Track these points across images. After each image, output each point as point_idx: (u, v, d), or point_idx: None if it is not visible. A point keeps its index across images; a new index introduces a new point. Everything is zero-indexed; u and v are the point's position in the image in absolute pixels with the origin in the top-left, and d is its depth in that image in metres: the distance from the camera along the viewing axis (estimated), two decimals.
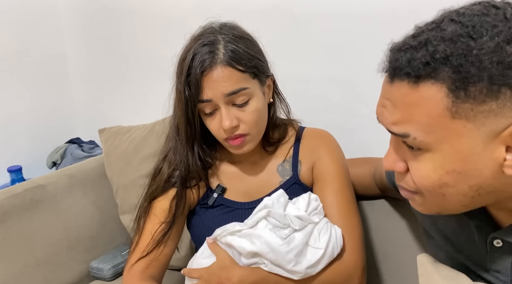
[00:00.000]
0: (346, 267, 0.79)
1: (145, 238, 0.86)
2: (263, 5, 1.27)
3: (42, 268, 1.09)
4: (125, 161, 1.24)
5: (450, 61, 0.47)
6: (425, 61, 0.48)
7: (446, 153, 0.50)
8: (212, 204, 0.89)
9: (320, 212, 0.81)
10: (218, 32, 0.80)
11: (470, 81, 0.46)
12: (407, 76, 0.50)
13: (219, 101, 0.78)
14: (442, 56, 0.47)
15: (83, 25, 1.72)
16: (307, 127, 0.95)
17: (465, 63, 0.46)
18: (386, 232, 0.99)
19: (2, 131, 1.62)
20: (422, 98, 0.49)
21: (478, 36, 0.47)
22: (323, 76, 1.22)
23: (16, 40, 1.62)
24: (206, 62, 0.77)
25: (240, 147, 0.83)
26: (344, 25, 1.17)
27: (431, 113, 0.49)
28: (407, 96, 0.50)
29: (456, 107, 0.48)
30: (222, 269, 0.77)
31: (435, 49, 0.48)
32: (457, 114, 0.48)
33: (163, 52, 1.52)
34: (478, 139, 0.48)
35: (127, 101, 1.69)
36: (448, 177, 0.51)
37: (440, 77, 0.48)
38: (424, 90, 0.49)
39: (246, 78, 0.79)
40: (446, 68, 0.47)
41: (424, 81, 0.49)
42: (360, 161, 1.01)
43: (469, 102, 0.47)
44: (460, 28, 0.48)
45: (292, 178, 0.90)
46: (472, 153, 0.49)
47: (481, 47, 0.46)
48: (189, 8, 1.42)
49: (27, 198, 1.10)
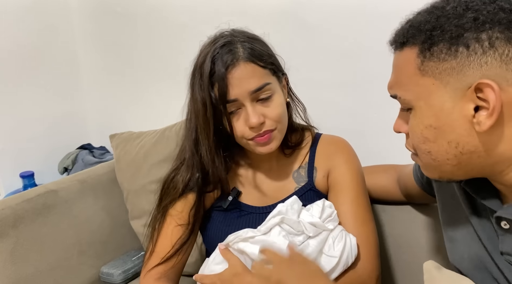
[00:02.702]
0: (360, 276, 0.79)
1: (161, 242, 0.86)
2: (273, 11, 1.28)
3: (53, 273, 1.10)
4: (136, 166, 1.25)
5: (423, 27, 0.55)
6: (405, 29, 0.58)
7: (422, 109, 0.57)
8: (227, 207, 0.89)
9: (334, 219, 0.81)
10: (231, 35, 0.81)
11: (434, 42, 0.54)
12: (398, 45, 0.59)
13: (245, 100, 0.78)
14: (416, 25, 0.56)
15: (96, 31, 1.74)
16: (323, 134, 0.95)
17: (431, 28, 0.55)
18: (399, 238, 0.98)
19: (14, 137, 1.63)
20: (402, 60, 0.58)
21: (447, 4, 0.55)
22: (334, 81, 1.22)
23: (29, 46, 1.64)
24: (229, 60, 0.76)
25: (267, 143, 0.82)
26: (355, 30, 1.16)
27: (407, 73, 0.57)
28: (396, 61, 0.60)
29: (424, 65, 0.55)
30: (234, 275, 0.76)
31: (413, 21, 0.57)
32: (425, 72, 0.55)
33: (175, 59, 1.54)
34: (447, 96, 0.54)
35: (138, 107, 1.70)
36: (427, 131, 0.57)
37: (415, 41, 0.56)
38: (404, 53, 0.58)
39: (267, 74, 0.80)
40: (420, 33, 0.56)
41: (406, 46, 0.58)
42: (382, 168, 1.01)
43: (433, 61, 0.54)
44: (438, 2, 0.57)
45: (308, 184, 0.89)
46: (442, 108, 0.55)
47: (446, 14, 0.54)
48: (202, 15, 1.43)
49: (39, 203, 1.11)
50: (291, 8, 1.25)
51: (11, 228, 1.04)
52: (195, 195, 0.87)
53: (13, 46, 1.60)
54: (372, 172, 0.99)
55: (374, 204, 1.01)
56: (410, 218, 0.97)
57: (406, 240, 0.97)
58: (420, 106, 0.57)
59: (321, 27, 1.21)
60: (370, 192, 0.96)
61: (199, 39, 0.85)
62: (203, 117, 0.80)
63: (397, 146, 0.73)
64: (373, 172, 0.99)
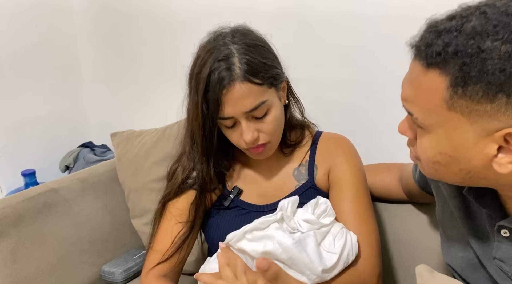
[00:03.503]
0: (361, 274, 0.78)
1: (161, 238, 0.87)
2: (274, 9, 1.27)
3: (54, 272, 1.10)
4: (137, 165, 1.25)
5: (458, 57, 0.49)
6: (438, 51, 0.50)
7: (441, 137, 0.54)
8: (228, 206, 0.89)
9: (329, 213, 0.80)
10: (230, 42, 0.78)
11: (469, 81, 0.49)
12: (423, 59, 0.52)
13: (240, 117, 0.78)
14: (453, 50, 0.49)
15: (97, 30, 1.74)
16: (324, 132, 0.95)
17: (470, 63, 0.48)
18: (401, 236, 0.98)
19: (16, 135, 1.64)
20: (427, 84, 0.52)
21: (493, 38, 0.48)
22: (336, 79, 1.22)
23: (30, 45, 1.64)
24: (225, 80, 0.74)
25: (261, 154, 0.83)
26: (357, 28, 1.16)
27: (431, 101, 0.52)
28: (418, 77, 0.54)
29: (453, 101, 0.51)
30: None
31: (449, 42, 0.50)
32: (453, 107, 0.51)
33: (176, 57, 1.53)
34: (471, 133, 0.51)
35: (139, 105, 1.70)
36: (440, 157, 0.55)
37: (446, 70, 0.50)
38: (431, 77, 0.52)
39: (264, 90, 0.78)
40: (453, 63, 0.49)
41: (433, 68, 0.51)
42: (385, 167, 1.01)
43: (465, 100, 0.50)
44: (482, 25, 0.49)
45: (308, 182, 0.89)
46: (463, 143, 0.52)
47: (490, 51, 0.47)
48: (201, 13, 1.43)
49: (40, 202, 1.11)
50: (293, 7, 1.24)
51: (12, 226, 1.04)
52: (196, 192, 0.87)
53: (14, 44, 1.60)
54: (375, 171, 0.99)
55: (376, 202, 1.00)
56: (412, 217, 0.96)
57: (408, 238, 0.97)
58: (438, 133, 0.54)
59: (323, 25, 1.20)
60: (372, 191, 0.96)
61: (200, 37, 0.84)
62: (197, 124, 0.81)
63: (400, 144, 0.73)
64: (376, 171, 0.99)
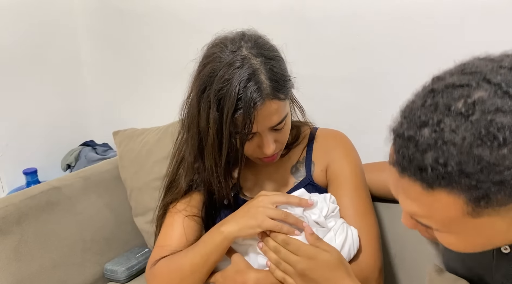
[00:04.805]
0: (363, 269, 0.79)
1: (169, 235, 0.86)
2: (275, 8, 1.27)
3: (57, 270, 1.10)
4: (139, 163, 1.25)
5: (465, 175, 0.42)
6: (436, 174, 0.44)
7: (469, 235, 0.49)
8: (228, 203, 0.89)
9: (336, 215, 0.81)
10: (250, 55, 0.75)
11: (491, 195, 0.43)
12: (419, 180, 0.45)
13: (263, 132, 0.77)
14: (456, 170, 0.43)
15: (99, 28, 1.74)
16: (320, 128, 0.95)
17: (483, 178, 0.42)
18: (402, 235, 0.97)
19: (17, 134, 1.64)
20: (439, 203, 0.45)
21: (493, 146, 0.41)
22: (336, 78, 1.21)
23: (32, 44, 1.64)
24: (258, 99, 0.72)
25: (273, 161, 0.84)
26: (356, 26, 1.16)
27: (451, 215, 0.46)
28: (422, 197, 0.46)
29: (478, 211, 0.45)
30: (237, 272, 0.76)
31: (446, 160, 0.43)
32: (479, 215, 0.45)
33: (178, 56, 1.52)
34: (503, 224, 0.46)
35: (141, 104, 1.70)
36: (472, 248, 0.52)
37: (456, 189, 0.44)
38: (439, 197, 0.45)
39: (286, 104, 0.79)
40: (463, 182, 0.43)
41: (439, 189, 0.44)
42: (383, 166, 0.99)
43: (492, 208, 0.44)
44: (474, 135, 0.42)
45: (306, 179, 0.89)
46: (496, 234, 0.48)
47: (502, 161, 0.41)
48: (203, 11, 1.42)
49: (43, 200, 1.11)
50: (294, 6, 1.24)
51: (15, 225, 1.04)
52: (202, 193, 0.87)
53: (15, 43, 1.60)
54: (374, 170, 0.97)
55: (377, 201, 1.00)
56: None
57: (409, 237, 0.96)
58: (466, 233, 0.49)
59: (324, 23, 1.20)
60: (373, 190, 0.95)
61: (202, 36, 0.84)
62: (214, 142, 0.77)
63: None
64: (375, 170, 0.98)
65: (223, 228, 0.77)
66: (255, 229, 0.75)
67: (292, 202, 0.77)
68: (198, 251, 0.79)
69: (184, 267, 0.79)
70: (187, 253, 0.81)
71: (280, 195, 0.78)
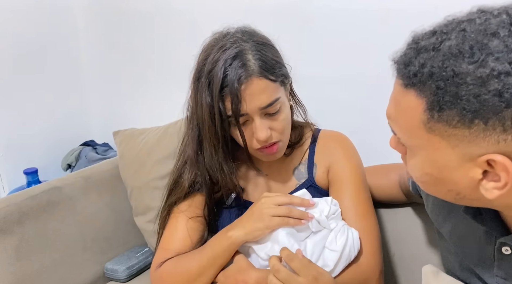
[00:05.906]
0: (364, 270, 0.79)
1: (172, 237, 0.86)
2: (274, 7, 1.27)
3: (58, 269, 1.10)
4: (139, 163, 1.25)
5: (433, 80, 0.47)
6: (415, 71, 0.49)
7: (424, 158, 0.52)
8: (230, 204, 0.89)
9: (337, 217, 0.81)
10: (241, 40, 0.77)
11: (444, 106, 0.47)
12: (401, 78, 0.51)
13: (254, 114, 0.77)
14: (428, 72, 0.47)
15: (99, 28, 1.74)
16: (322, 130, 0.95)
17: (444, 87, 0.46)
18: (402, 235, 0.98)
19: (18, 134, 1.64)
20: (406, 104, 0.51)
21: (468, 61, 0.45)
22: (336, 77, 1.22)
23: (32, 43, 1.64)
24: (242, 75, 0.73)
25: (274, 154, 0.83)
26: (357, 26, 1.16)
27: (411, 122, 0.51)
28: (399, 95, 0.52)
29: (431, 124, 0.49)
30: (239, 271, 0.76)
31: (425, 63, 0.48)
32: (431, 130, 0.49)
33: (177, 55, 1.53)
34: (453, 156, 0.49)
35: (141, 104, 1.70)
36: (427, 177, 0.54)
37: (422, 92, 0.48)
38: (409, 98, 0.50)
39: (277, 87, 0.78)
40: (429, 86, 0.48)
41: (410, 89, 0.50)
42: (384, 171, 0.99)
43: (442, 124, 0.48)
44: (458, 45, 0.47)
45: (308, 180, 0.89)
46: (447, 165, 0.50)
47: (464, 75, 0.45)
48: (204, 11, 1.43)
49: (44, 200, 1.12)
50: (294, 5, 1.24)
51: (15, 224, 1.04)
52: (204, 195, 0.87)
53: (16, 43, 1.60)
54: (374, 174, 0.97)
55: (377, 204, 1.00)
56: (414, 216, 0.96)
57: (409, 238, 0.97)
58: (421, 155, 0.52)
59: (324, 22, 1.20)
60: (373, 194, 0.95)
61: (202, 35, 0.84)
62: (210, 127, 0.78)
63: None
64: (375, 174, 0.97)
65: (230, 233, 0.77)
66: (263, 231, 0.75)
67: (294, 203, 0.77)
68: (205, 254, 0.79)
69: (191, 269, 0.80)
70: (194, 256, 0.81)
71: (282, 196, 0.78)
